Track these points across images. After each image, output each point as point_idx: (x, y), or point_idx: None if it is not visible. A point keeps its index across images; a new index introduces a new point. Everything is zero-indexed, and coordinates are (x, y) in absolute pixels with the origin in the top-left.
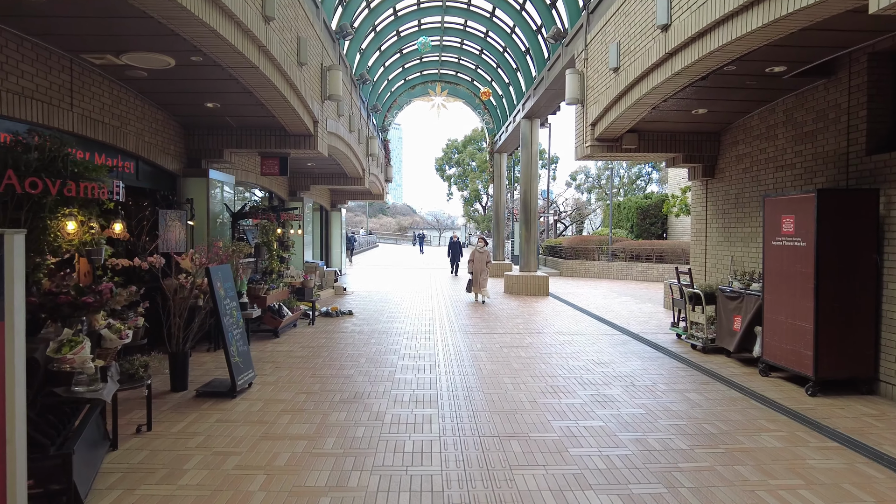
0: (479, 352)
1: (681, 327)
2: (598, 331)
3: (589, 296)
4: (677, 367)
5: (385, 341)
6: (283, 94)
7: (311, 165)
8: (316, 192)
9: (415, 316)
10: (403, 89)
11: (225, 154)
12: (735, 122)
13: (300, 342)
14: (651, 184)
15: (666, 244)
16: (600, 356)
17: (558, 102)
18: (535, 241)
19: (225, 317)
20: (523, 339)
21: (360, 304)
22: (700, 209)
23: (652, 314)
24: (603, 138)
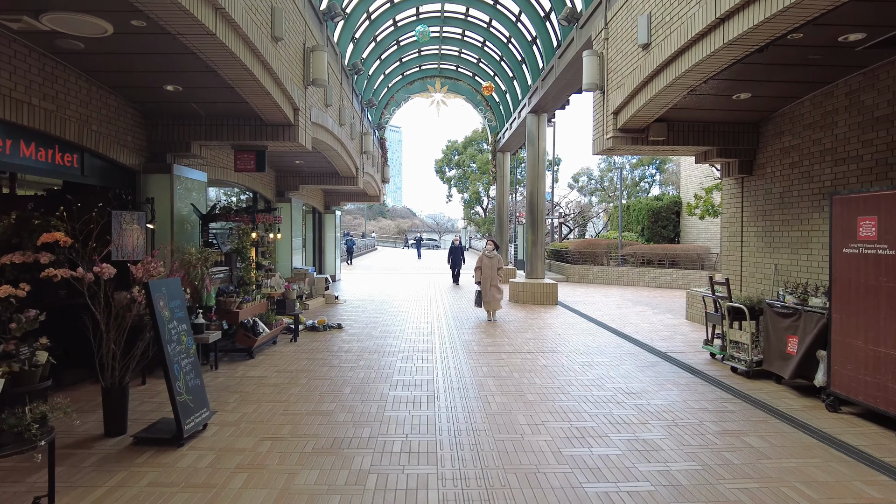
0: (486, 378)
1: (716, 346)
2: (620, 348)
3: (601, 305)
4: (722, 398)
5: (376, 363)
6: (254, 73)
7: (299, 163)
8: (307, 193)
9: (411, 330)
10: (401, 85)
11: (193, 147)
12: (780, 110)
13: (277, 364)
14: (654, 186)
15: (679, 248)
16: (629, 383)
17: (569, 94)
18: (543, 246)
19: (170, 343)
20: (536, 361)
21: (352, 315)
22: (734, 210)
23: (675, 328)
24: (627, 128)
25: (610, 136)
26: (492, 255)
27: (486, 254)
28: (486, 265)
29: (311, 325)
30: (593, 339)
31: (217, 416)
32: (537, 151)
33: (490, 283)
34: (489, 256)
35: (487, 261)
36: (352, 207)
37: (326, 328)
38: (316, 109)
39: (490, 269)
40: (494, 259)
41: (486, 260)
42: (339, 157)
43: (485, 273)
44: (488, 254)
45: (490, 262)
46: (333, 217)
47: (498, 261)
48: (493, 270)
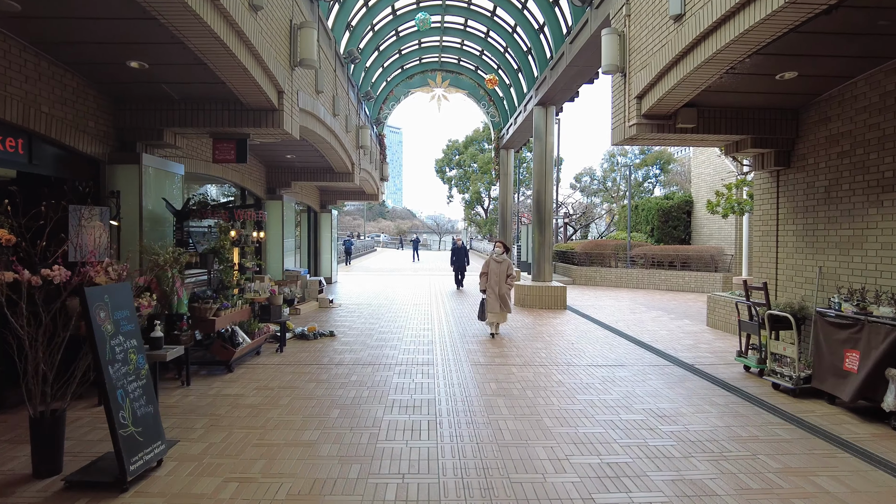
0: (495, 397)
1: (752, 358)
2: (641, 360)
3: (613, 309)
4: (771, 423)
5: (370, 379)
6: (227, 45)
7: (290, 158)
8: (301, 191)
9: (410, 338)
10: (400, 78)
11: (166, 135)
12: (825, 94)
13: (258, 379)
14: (657, 186)
15: (692, 249)
16: (659, 403)
17: (580, 84)
18: (550, 247)
19: (112, 364)
20: (550, 376)
21: (347, 321)
22: (767, 207)
23: (697, 335)
24: (652, 114)
25: (633, 123)
26: (501, 260)
27: (494, 257)
28: (494, 271)
29: (301, 332)
30: (611, 348)
31: (178, 447)
32: (545, 146)
33: (497, 292)
34: (497, 261)
35: (495, 266)
36: (351, 208)
37: (317, 336)
38: (305, 95)
39: (498, 275)
40: (504, 264)
41: (494, 265)
42: (332, 150)
43: (491, 280)
44: (496, 257)
45: (498, 268)
46: (330, 216)
47: (508, 266)
48: (502, 277)
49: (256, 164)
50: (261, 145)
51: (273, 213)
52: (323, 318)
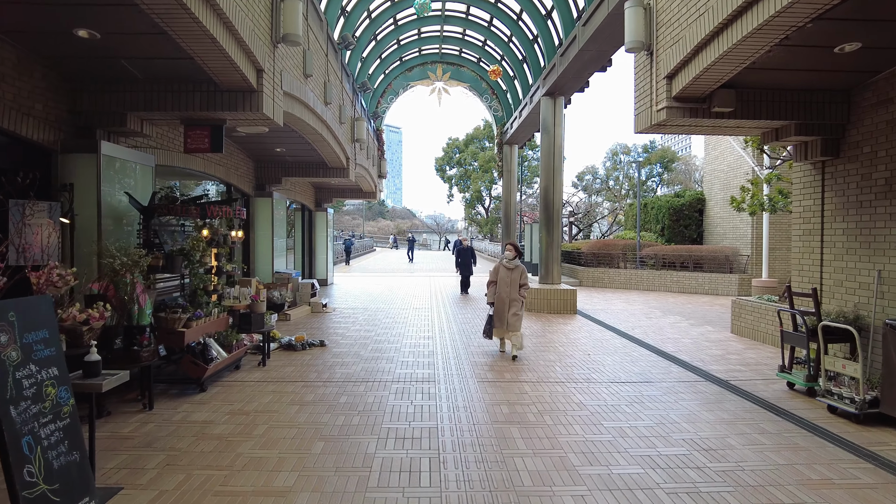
0: (508, 425)
1: (799, 375)
2: (668, 374)
3: (627, 314)
4: (843, 461)
5: (362, 400)
6: (190, 8)
7: (280, 151)
8: (293, 188)
9: (409, 348)
10: (399, 71)
11: (131, 120)
12: (884, 72)
13: (233, 401)
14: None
15: (705, 250)
16: (700, 431)
17: (592, 70)
18: (559, 247)
19: (16, 404)
20: (569, 395)
21: (340, 328)
22: (809, 203)
23: (723, 345)
24: (685, 97)
25: (662, 107)
26: (512, 266)
27: (505, 263)
28: (504, 279)
29: (288, 342)
30: (632, 360)
31: (119, 498)
32: (553, 140)
33: (508, 304)
34: (508, 267)
35: (506, 273)
36: (350, 207)
37: (306, 346)
38: (290, 77)
39: (509, 285)
40: (516, 271)
41: (504, 272)
42: (324, 142)
43: (501, 290)
44: (507, 263)
45: (509, 276)
46: (325, 215)
47: (521, 273)
48: (514, 287)
49: (243, 159)
50: (247, 138)
51: (262, 211)
52: (314, 325)
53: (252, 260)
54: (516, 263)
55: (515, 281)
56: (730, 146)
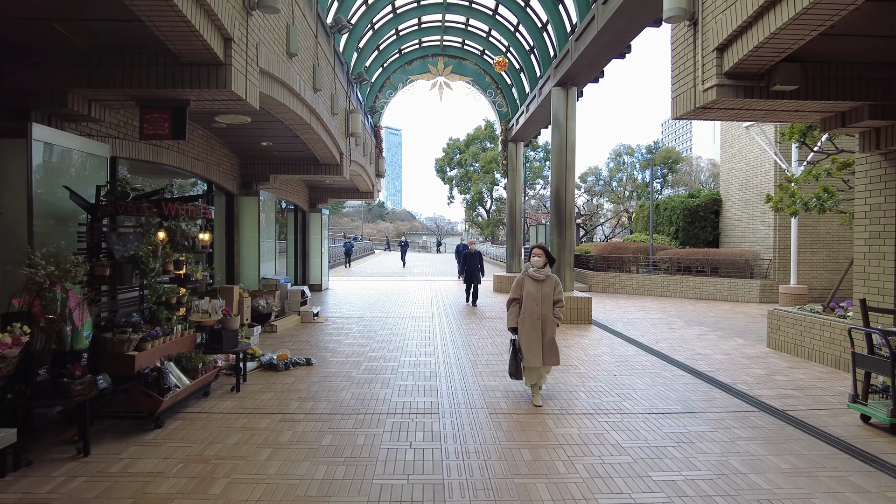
0: (533, 480)
1: (880, 407)
2: (712, 402)
3: (646, 324)
4: None
5: (350, 441)
6: None
7: (266, 146)
8: (284, 187)
9: (408, 367)
10: (398, 64)
11: (74, 100)
12: None
13: (193, 442)
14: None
15: (724, 253)
16: (776, 489)
17: (611, 56)
18: (571, 251)
19: None
20: (602, 435)
21: (332, 341)
22: (879, 200)
23: (764, 362)
24: (740, 72)
25: (711, 86)
26: (542, 276)
27: (531, 273)
28: (532, 295)
29: (269, 361)
30: (665, 383)
31: None
32: (565, 135)
33: (540, 328)
34: (536, 278)
35: (534, 286)
36: (350, 209)
37: (290, 366)
38: (270, 53)
39: (539, 302)
40: (547, 284)
41: (532, 285)
42: (314, 135)
43: (528, 311)
44: (535, 272)
45: (539, 291)
46: (320, 217)
47: (554, 287)
48: (546, 305)
49: (226, 154)
50: (229, 130)
51: (248, 211)
52: (302, 338)
53: (237, 265)
54: (547, 273)
55: (548, 296)
56: (749, 143)
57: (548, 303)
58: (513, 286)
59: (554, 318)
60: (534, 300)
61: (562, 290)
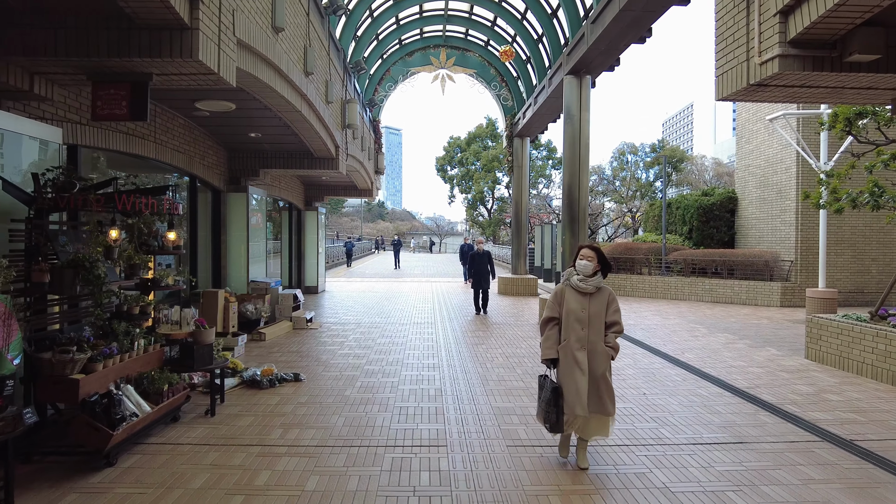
0: None
1: None
2: (765, 429)
3: (667, 331)
4: None
5: (340, 486)
6: None
7: (255, 137)
8: (277, 183)
9: (410, 384)
10: (399, 56)
11: (11, 73)
12: None
13: (148, 485)
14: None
15: (741, 254)
16: None
17: (631, 39)
18: None
19: None
20: (645, 473)
21: (325, 352)
22: None
23: (807, 376)
24: (808, 40)
25: (772, 57)
26: (590, 288)
27: (576, 282)
28: (576, 313)
29: (251, 377)
30: (703, 403)
31: None
32: (578, 127)
33: (589, 363)
34: (584, 290)
35: (579, 302)
36: (349, 209)
37: (275, 383)
38: (250, 23)
39: (586, 324)
40: (598, 298)
41: (576, 299)
42: (306, 123)
43: (571, 335)
44: (581, 282)
45: (586, 308)
46: (316, 216)
47: (608, 302)
48: (596, 329)
49: (212, 147)
50: (214, 119)
51: (236, 208)
52: (293, 348)
53: (224, 267)
54: (598, 283)
55: (598, 316)
56: (768, 138)
57: (598, 325)
58: (549, 301)
59: (607, 348)
60: (579, 321)
61: (618, 308)
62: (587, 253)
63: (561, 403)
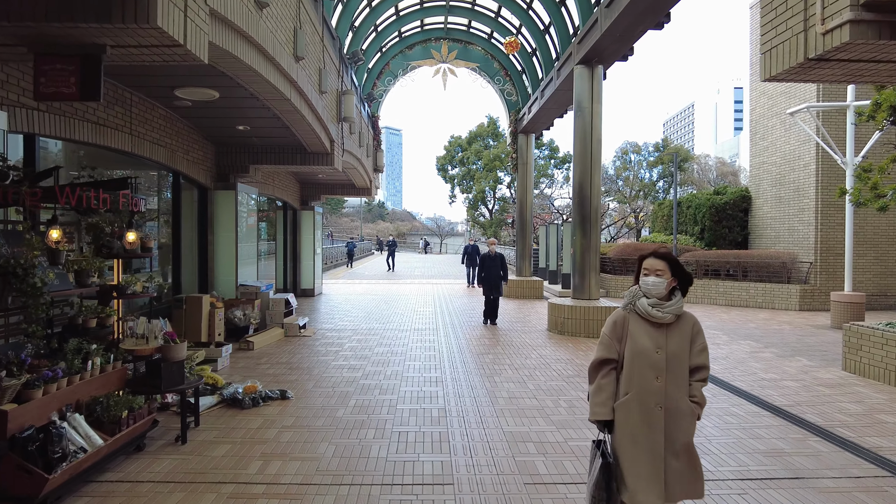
0: None
1: None
2: (821, 459)
3: None
4: None
5: None
6: None
7: (244, 130)
8: (270, 181)
9: (410, 403)
10: (399, 48)
11: None
12: None
13: None
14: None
15: (757, 255)
16: None
17: (649, 24)
18: (597, 253)
19: None
20: None
21: (318, 363)
22: None
23: (851, 392)
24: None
25: (842, 22)
26: (667, 317)
27: (645, 307)
28: (648, 354)
29: (232, 395)
30: (742, 426)
31: None
32: (589, 121)
33: (665, 427)
34: (657, 319)
35: (649, 336)
36: (349, 210)
37: (258, 401)
38: None
39: (665, 371)
40: (679, 332)
41: (646, 333)
42: (297, 114)
43: (639, 384)
44: (652, 307)
45: (662, 345)
46: (312, 215)
47: (693, 335)
48: (678, 377)
49: (198, 140)
50: (197, 110)
51: (224, 207)
52: (283, 359)
53: (211, 270)
54: (677, 309)
55: (680, 356)
56: (784, 134)
57: (679, 371)
58: (603, 333)
59: (692, 404)
60: (652, 367)
61: (706, 345)
62: (655, 264)
63: (615, 487)
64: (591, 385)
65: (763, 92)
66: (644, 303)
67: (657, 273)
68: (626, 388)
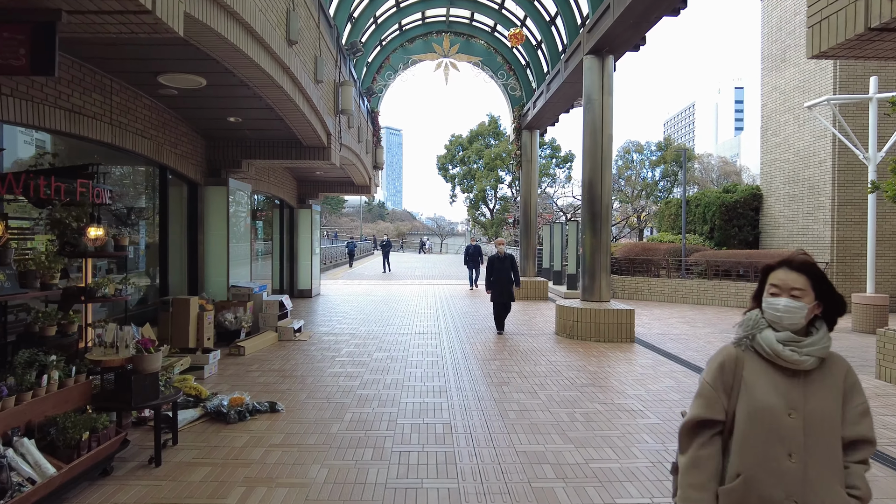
0: None
1: None
2: (876, 483)
3: (699, 342)
4: None
5: None
6: None
7: (235, 122)
8: (265, 178)
9: (411, 417)
10: (399, 42)
11: None
12: None
13: None
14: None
15: (768, 255)
16: None
17: (664, 10)
18: (608, 253)
19: None
20: None
21: (312, 370)
22: None
23: (894, 404)
24: None
25: None
26: (807, 361)
27: (768, 344)
28: (777, 415)
29: (216, 408)
30: None
31: None
32: (600, 114)
33: None
34: (791, 363)
35: (776, 386)
36: (349, 210)
37: (245, 416)
38: None
39: (803, 445)
40: (825, 385)
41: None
42: (290, 104)
43: (765, 465)
44: (784, 344)
45: (800, 404)
46: (310, 213)
47: (845, 393)
48: (825, 455)
49: (187, 133)
50: (186, 100)
51: (215, 204)
52: (275, 365)
53: (201, 270)
54: (821, 348)
55: (829, 421)
56: (797, 130)
57: (826, 445)
58: (703, 380)
59: (851, 500)
60: (779, 435)
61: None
62: (791, 279)
63: None
64: (681, 455)
65: (775, 87)
66: (770, 337)
67: (793, 294)
68: (738, 467)
